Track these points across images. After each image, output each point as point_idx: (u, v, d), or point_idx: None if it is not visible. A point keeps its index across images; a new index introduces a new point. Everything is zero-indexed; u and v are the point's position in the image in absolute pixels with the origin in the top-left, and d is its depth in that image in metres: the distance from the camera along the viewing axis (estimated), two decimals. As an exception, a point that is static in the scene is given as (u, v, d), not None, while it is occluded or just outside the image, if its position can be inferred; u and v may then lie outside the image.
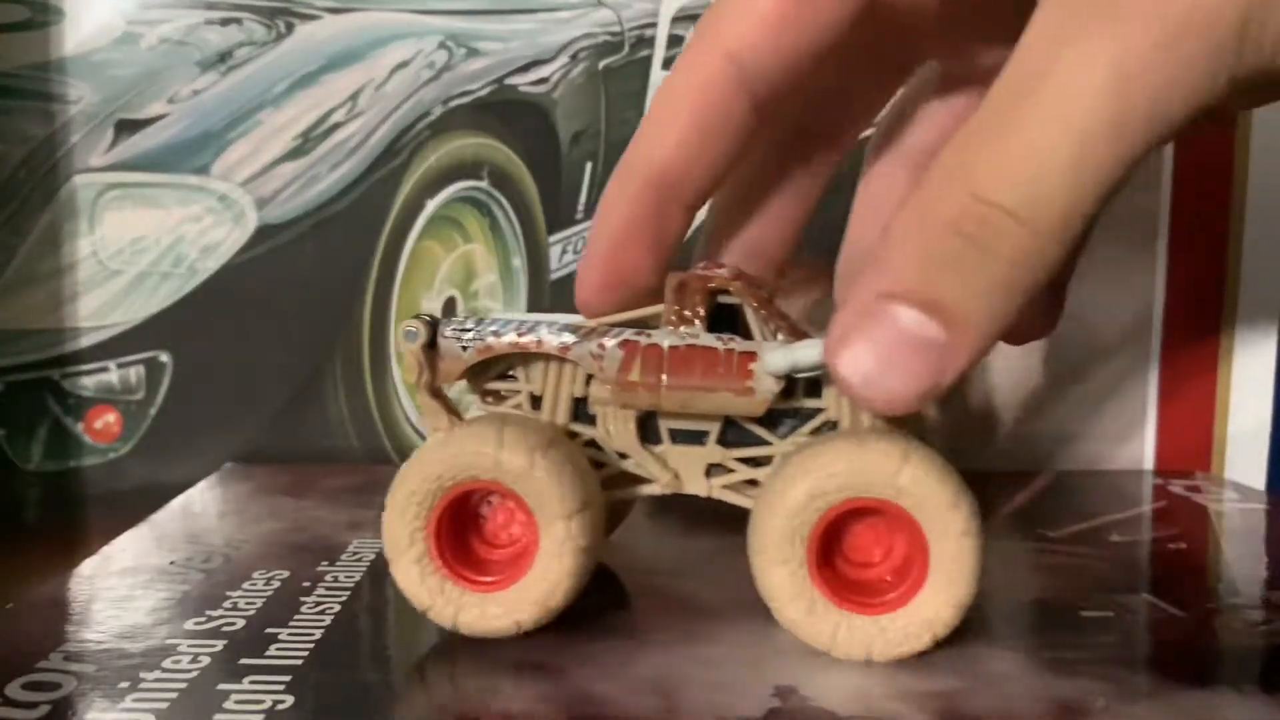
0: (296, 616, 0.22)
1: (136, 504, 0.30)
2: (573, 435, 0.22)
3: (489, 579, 0.21)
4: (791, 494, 0.20)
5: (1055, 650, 0.20)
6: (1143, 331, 0.37)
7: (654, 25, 0.35)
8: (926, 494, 0.19)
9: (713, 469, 0.22)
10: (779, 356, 0.21)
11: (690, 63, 0.22)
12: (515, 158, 0.35)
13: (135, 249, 0.35)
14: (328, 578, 0.24)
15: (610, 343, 0.21)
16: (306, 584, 0.24)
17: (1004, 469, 0.36)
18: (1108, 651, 0.21)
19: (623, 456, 0.22)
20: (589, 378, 0.22)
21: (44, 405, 0.35)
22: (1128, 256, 0.36)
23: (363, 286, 0.36)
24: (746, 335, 0.22)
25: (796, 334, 0.22)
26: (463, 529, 0.21)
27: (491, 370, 0.23)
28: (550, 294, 0.36)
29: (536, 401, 0.22)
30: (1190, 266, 0.36)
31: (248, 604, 0.22)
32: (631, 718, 0.18)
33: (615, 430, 0.22)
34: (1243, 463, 0.36)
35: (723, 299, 0.22)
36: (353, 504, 0.30)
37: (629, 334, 0.21)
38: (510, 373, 0.23)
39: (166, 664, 0.19)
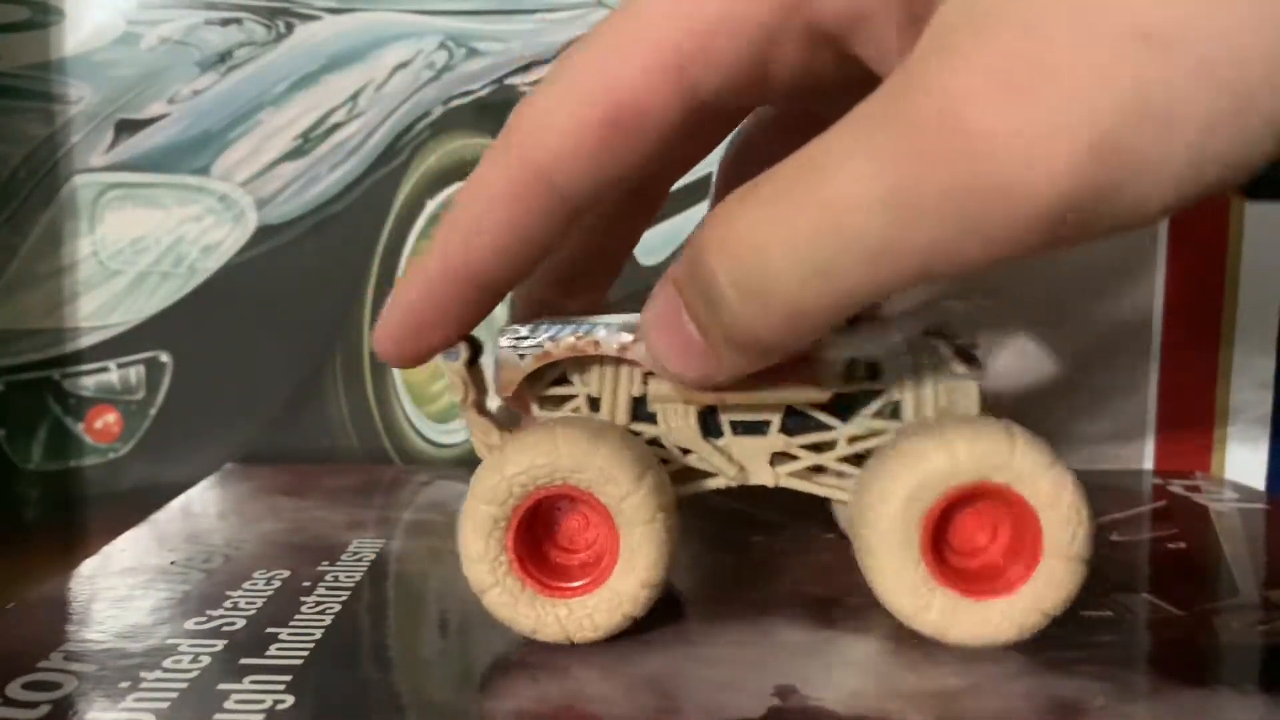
0: (297, 616, 0.22)
1: (137, 504, 0.30)
2: (634, 435, 0.22)
3: (573, 585, 0.20)
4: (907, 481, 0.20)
5: (1055, 650, 0.20)
6: (1143, 331, 0.37)
7: (654, 25, 0.35)
8: (1035, 473, 0.20)
9: (777, 458, 0.22)
10: (842, 341, 0.21)
11: (501, 173, 0.20)
12: (515, 158, 0.35)
13: (135, 249, 0.35)
14: (328, 577, 0.24)
15: None
16: (307, 584, 0.24)
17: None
18: (1107, 651, 0.21)
19: (684, 452, 0.22)
20: (646, 376, 0.22)
21: (44, 405, 0.35)
22: (1128, 256, 0.36)
23: (363, 287, 0.36)
24: None
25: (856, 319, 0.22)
26: (537, 538, 0.21)
27: (545, 377, 0.23)
28: (550, 294, 0.36)
29: (595, 403, 0.22)
30: (1190, 266, 0.36)
31: (248, 604, 0.22)
32: (631, 717, 0.18)
33: (676, 426, 0.22)
34: (1242, 463, 0.37)
35: None
36: (353, 504, 0.30)
37: None
38: (565, 377, 0.23)
39: (167, 664, 0.19)
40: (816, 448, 0.22)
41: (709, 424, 0.22)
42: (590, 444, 0.20)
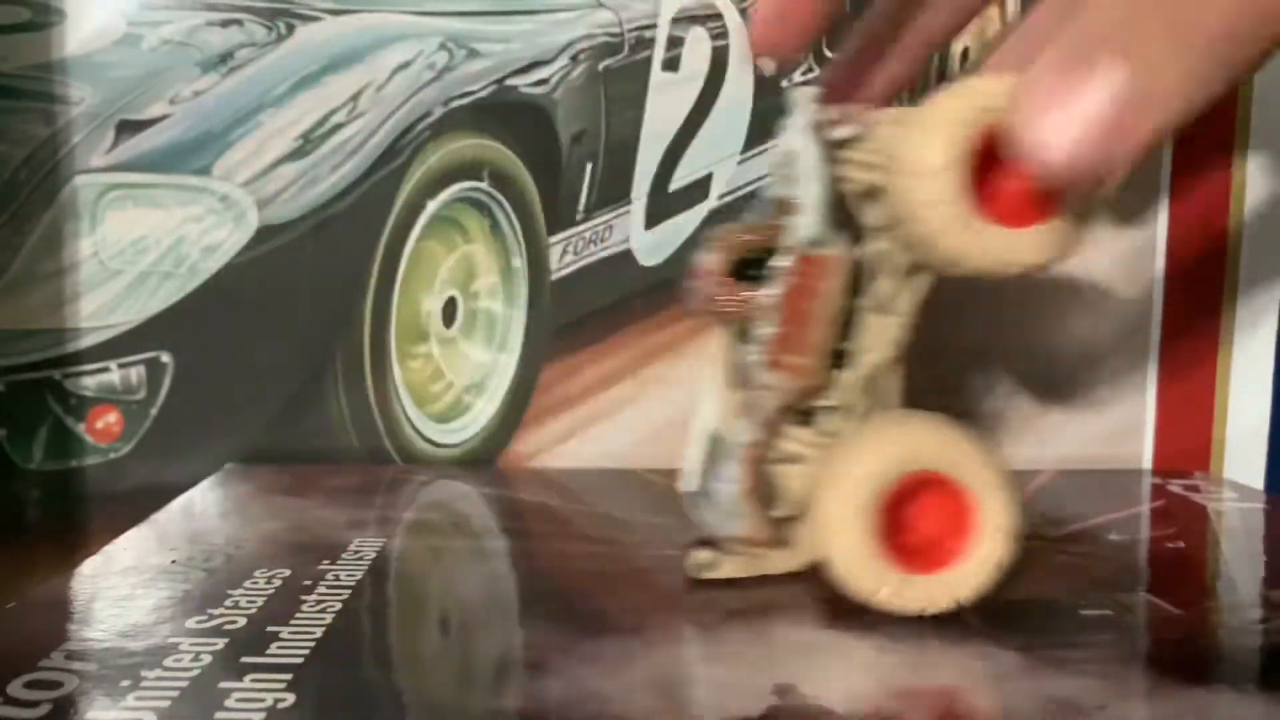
0: (298, 615, 0.22)
1: (138, 504, 0.30)
2: None
3: (924, 560, 0.21)
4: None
5: (1054, 649, 0.20)
6: (1141, 330, 0.37)
7: (654, 26, 0.35)
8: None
9: None
10: None
11: None
12: (515, 159, 0.36)
13: (137, 249, 0.35)
14: (329, 576, 0.24)
15: None
16: (307, 583, 0.24)
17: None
18: (1106, 650, 0.21)
19: None
20: None
21: (45, 405, 0.35)
22: (1126, 255, 0.36)
23: (364, 287, 0.36)
24: None
25: None
26: (893, 517, 0.22)
27: None
28: (551, 294, 0.36)
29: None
30: (1190, 265, 0.36)
31: (249, 602, 0.22)
32: (631, 715, 0.18)
33: None
34: (1241, 462, 0.37)
35: None
36: (354, 503, 0.30)
37: None
38: None
39: (168, 662, 0.19)
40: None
41: None
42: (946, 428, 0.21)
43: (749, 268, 0.23)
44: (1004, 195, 0.19)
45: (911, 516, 0.22)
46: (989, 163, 0.19)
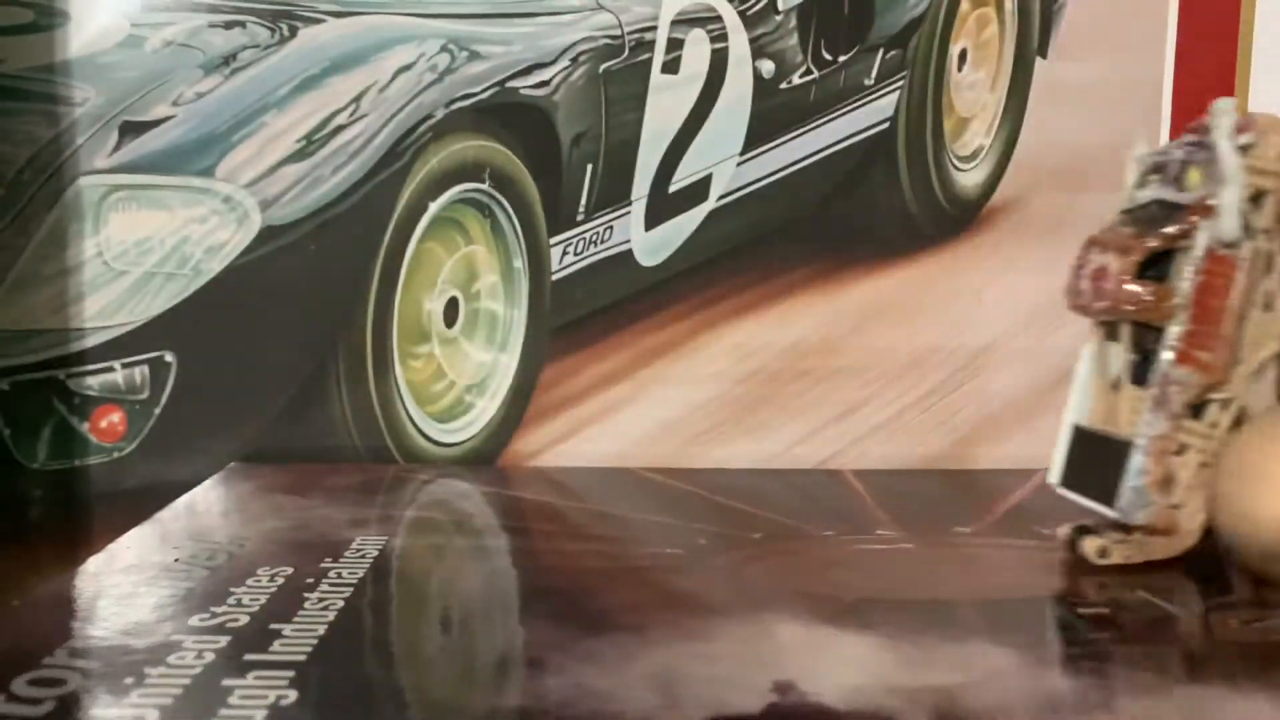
0: (300, 612, 0.22)
1: (141, 502, 0.31)
2: None
3: None
4: None
5: (1053, 647, 0.20)
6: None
7: (654, 29, 0.35)
8: None
9: None
10: None
11: None
12: (516, 160, 0.36)
13: (140, 250, 0.35)
14: (331, 574, 0.24)
15: None
16: (310, 580, 0.24)
17: (1000, 467, 0.36)
18: (1104, 648, 0.21)
19: None
20: None
21: (49, 404, 0.35)
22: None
23: (366, 287, 0.36)
24: None
25: None
26: None
27: None
28: (552, 295, 0.36)
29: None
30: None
31: (251, 600, 0.22)
32: (630, 713, 0.18)
33: None
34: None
35: None
36: (355, 502, 0.30)
37: None
38: None
39: (171, 660, 0.19)
40: None
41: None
42: None
43: (1144, 268, 0.24)
44: None
45: None
46: None
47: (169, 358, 0.36)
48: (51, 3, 0.34)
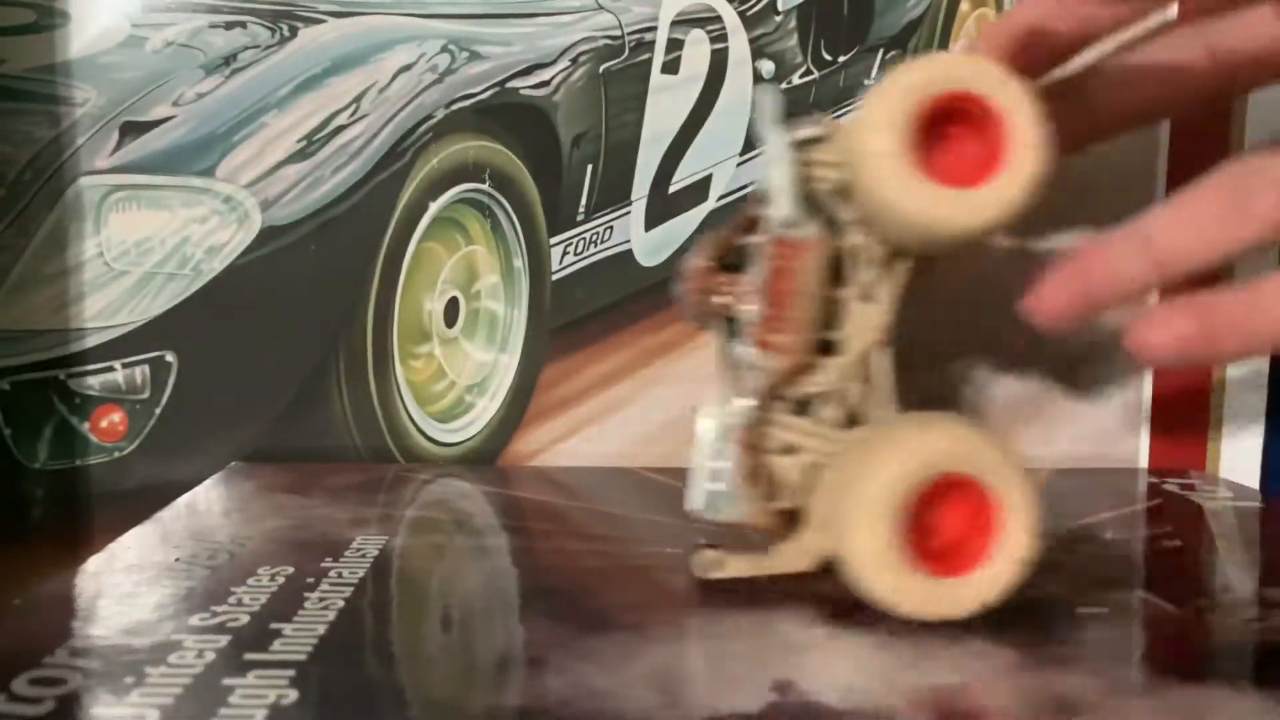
0: (300, 612, 0.22)
1: (142, 502, 0.31)
2: None
3: (942, 565, 0.21)
4: None
5: (1051, 646, 0.21)
6: (1140, 332, 0.37)
7: (654, 29, 0.35)
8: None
9: None
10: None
11: None
12: (517, 160, 0.36)
13: (141, 250, 0.35)
14: (331, 574, 0.24)
15: None
16: (310, 580, 0.24)
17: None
18: (1103, 648, 0.21)
19: None
20: None
21: (50, 405, 0.35)
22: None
23: (366, 287, 0.36)
24: None
25: None
26: (917, 516, 0.21)
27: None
28: (552, 295, 0.36)
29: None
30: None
31: (252, 599, 0.22)
32: (630, 712, 0.18)
33: None
34: (1237, 461, 0.37)
35: None
36: (356, 502, 0.30)
37: None
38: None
39: (171, 659, 0.20)
40: None
41: None
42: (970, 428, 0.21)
43: (734, 266, 0.23)
44: (948, 160, 0.21)
45: (935, 520, 0.22)
46: (938, 131, 0.21)
47: (170, 358, 0.36)
48: (52, 3, 0.34)
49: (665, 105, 0.36)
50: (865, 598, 0.22)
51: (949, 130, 0.21)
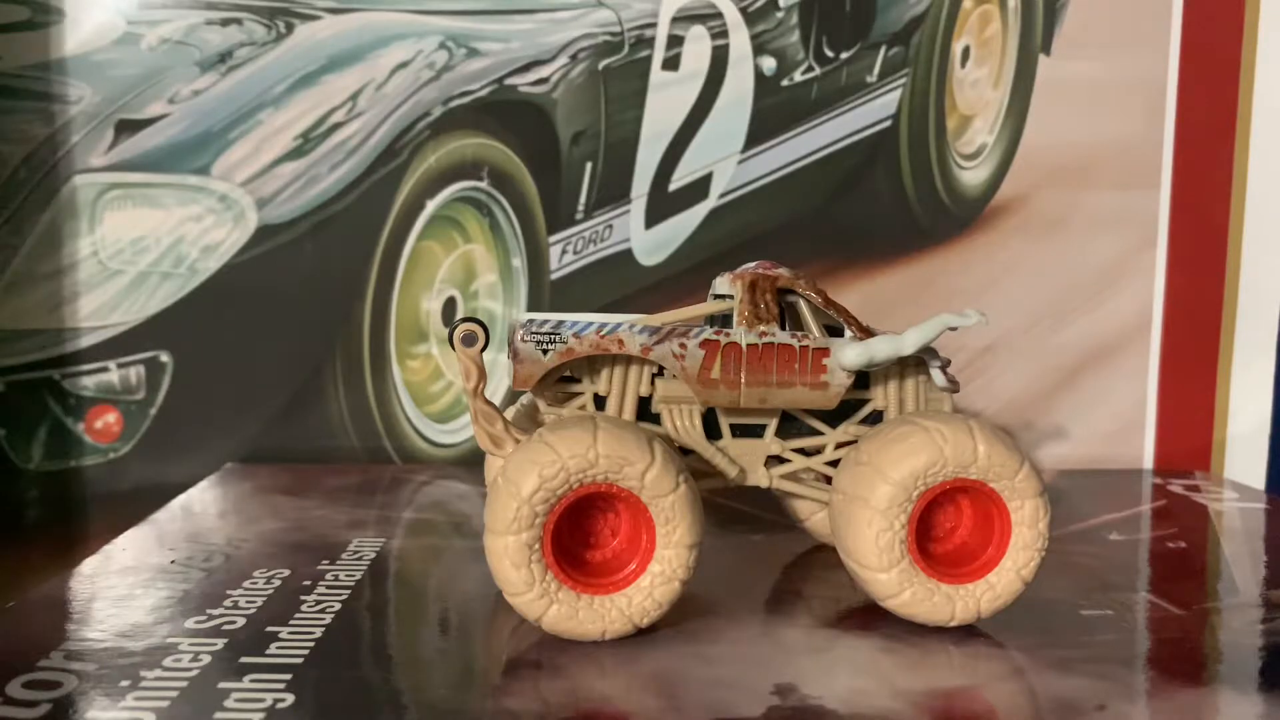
0: (297, 615, 0.22)
1: (137, 503, 0.30)
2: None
3: (622, 573, 0.21)
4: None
5: (1055, 649, 0.20)
6: (1142, 331, 0.37)
7: (654, 25, 0.35)
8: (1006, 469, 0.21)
9: (771, 461, 0.23)
10: (854, 352, 0.22)
11: None
12: (515, 158, 0.36)
13: (136, 249, 0.35)
14: (328, 576, 0.24)
15: (692, 342, 0.22)
16: (307, 582, 0.24)
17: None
18: (1107, 649, 0.21)
19: (685, 452, 0.23)
20: (654, 377, 0.23)
21: (44, 405, 0.35)
22: (1127, 257, 0.36)
23: (363, 286, 0.36)
24: (805, 331, 0.23)
25: (861, 330, 0.23)
26: (567, 548, 0.21)
27: (554, 373, 0.23)
28: (550, 294, 0.36)
29: (600, 401, 0.23)
30: (1190, 266, 0.36)
31: (248, 602, 0.22)
32: (632, 715, 0.18)
33: (683, 427, 0.23)
34: (1242, 462, 0.37)
35: (786, 298, 0.23)
36: (353, 503, 0.30)
37: (709, 333, 0.22)
38: (573, 374, 0.23)
39: (167, 662, 0.19)
40: (805, 452, 0.23)
41: (710, 426, 0.23)
42: (591, 437, 0.20)
43: None
44: None
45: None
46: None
47: (165, 358, 0.35)
48: (47, 0, 0.34)
49: (665, 102, 0.35)
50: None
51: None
